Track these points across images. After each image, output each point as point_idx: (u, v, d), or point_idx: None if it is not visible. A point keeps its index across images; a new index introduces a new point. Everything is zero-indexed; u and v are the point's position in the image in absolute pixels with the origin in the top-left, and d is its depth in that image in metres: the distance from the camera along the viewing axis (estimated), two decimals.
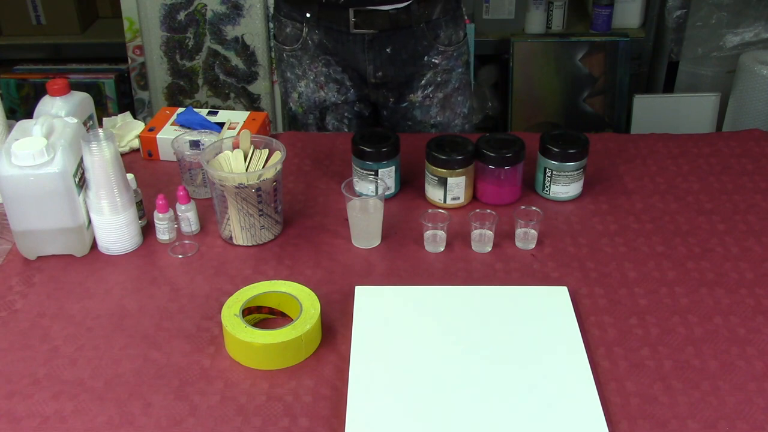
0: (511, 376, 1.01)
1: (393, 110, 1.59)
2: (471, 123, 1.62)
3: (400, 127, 1.62)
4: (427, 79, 1.55)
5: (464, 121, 1.60)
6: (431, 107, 1.57)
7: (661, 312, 1.13)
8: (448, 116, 1.58)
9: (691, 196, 1.39)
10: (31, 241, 1.23)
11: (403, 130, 1.61)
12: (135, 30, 2.56)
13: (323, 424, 0.96)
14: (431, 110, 1.57)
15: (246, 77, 2.55)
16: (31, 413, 0.98)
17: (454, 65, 1.55)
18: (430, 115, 1.58)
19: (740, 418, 0.96)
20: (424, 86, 1.55)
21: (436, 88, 1.56)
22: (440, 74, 1.55)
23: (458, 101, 1.58)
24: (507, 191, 1.36)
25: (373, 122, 1.68)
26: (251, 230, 1.26)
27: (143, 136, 1.51)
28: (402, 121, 1.60)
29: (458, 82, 1.56)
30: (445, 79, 1.56)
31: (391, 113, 1.60)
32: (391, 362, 1.04)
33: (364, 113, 1.65)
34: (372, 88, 1.59)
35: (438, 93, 1.56)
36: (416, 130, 1.60)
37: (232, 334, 1.03)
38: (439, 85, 1.56)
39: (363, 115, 1.65)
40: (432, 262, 1.24)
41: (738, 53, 2.62)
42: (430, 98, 1.56)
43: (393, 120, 1.62)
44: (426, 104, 1.57)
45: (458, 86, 1.57)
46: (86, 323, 1.12)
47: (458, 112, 1.59)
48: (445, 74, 1.55)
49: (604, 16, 2.62)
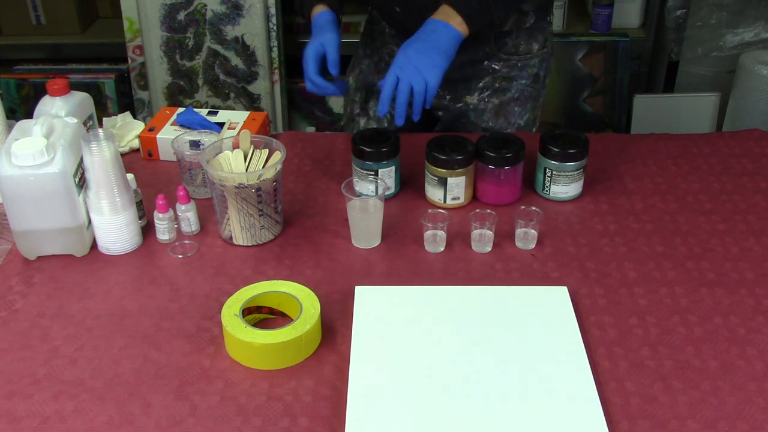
0: (511, 376, 1.01)
1: (449, 109, 1.60)
2: None
3: (455, 127, 1.63)
4: (484, 83, 1.55)
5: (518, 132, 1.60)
6: (485, 112, 1.57)
7: (661, 312, 1.13)
8: (501, 124, 1.58)
9: (691, 196, 1.39)
10: (31, 241, 1.23)
11: (458, 130, 1.61)
12: (135, 30, 2.56)
13: (323, 424, 0.96)
14: (484, 115, 1.57)
15: (246, 77, 2.55)
16: (31, 413, 0.98)
17: (517, 75, 1.54)
18: (482, 119, 1.58)
19: (740, 418, 0.96)
20: (481, 89, 1.55)
21: (492, 94, 1.56)
22: (499, 81, 1.54)
23: (514, 111, 1.57)
24: (507, 191, 1.37)
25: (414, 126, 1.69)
26: (251, 230, 1.26)
27: (143, 136, 1.51)
28: (457, 120, 1.61)
29: (518, 92, 1.56)
30: (503, 87, 1.55)
31: (447, 113, 1.61)
32: (391, 362, 1.04)
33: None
34: None
35: (494, 99, 1.56)
36: (469, 131, 1.60)
37: (232, 334, 1.03)
38: (496, 92, 1.55)
39: None
40: (432, 262, 1.24)
41: (738, 53, 2.62)
42: (485, 102, 1.56)
43: (449, 119, 1.63)
44: (480, 107, 1.57)
45: (517, 96, 1.56)
46: (86, 323, 1.12)
47: (512, 122, 1.58)
48: (504, 82, 1.55)
49: (604, 16, 2.62)
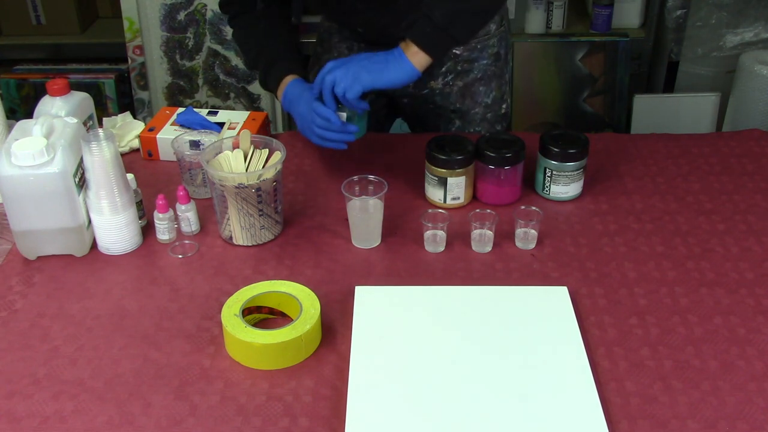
0: (511, 376, 1.01)
1: (413, 96, 1.61)
2: (497, 112, 1.63)
3: (423, 110, 1.64)
4: (447, 68, 1.57)
5: (486, 110, 1.62)
6: (451, 95, 1.60)
7: (661, 312, 1.13)
8: (468, 104, 1.61)
9: (691, 196, 1.39)
10: (31, 241, 1.23)
11: (426, 114, 1.64)
12: (135, 30, 2.56)
13: (323, 424, 0.96)
14: (450, 97, 1.60)
15: (246, 77, 2.55)
16: (31, 413, 0.98)
17: (477, 56, 1.57)
18: (449, 102, 1.61)
19: (740, 418, 0.96)
20: (444, 74, 1.57)
21: (456, 77, 1.58)
22: (461, 64, 1.57)
23: (479, 91, 1.60)
24: (507, 191, 1.37)
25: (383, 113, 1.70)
26: (251, 230, 1.26)
27: (143, 136, 1.51)
28: (424, 105, 1.63)
29: (481, 72, 1.58)
30: (465, 69, 1.58)
31: (412, 99, 1.62)
32: (391, 362, 1.04)
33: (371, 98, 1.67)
34: None
35: (458, 81, 1.58)
36: (437, 113, 1.62)
37: (232, 334, 1.03)
38: (459, 74, 1.58)
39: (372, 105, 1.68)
40: (432, 262, 1.24)
41: (738, 53, 2.62)
42: (449, 86, 1.59)
43: (415, 105, 1.64)
44: (446, 91, 1.59)
45: (480, 77, 1.59)
46: (86, 323, 1.12)
47: (479, 101, 1.61)
48: (466, 64, 1.57)
49: (604, 16, 2.62)
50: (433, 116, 1.64)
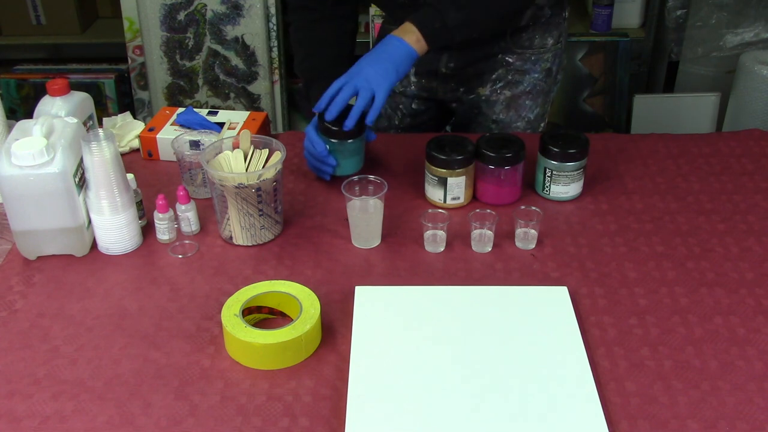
0: (511, 376, 1.01)
1: (463, 101, 1.62)
2: (535, 129, 1.63)
3: (468, 117, 1.64)
4: (498, 75, 1.56)
5: (527, 126, 1.61)
6: (497, 103, 1.59)
7: (661, 312, 1.13)
8: (511, 116, 1.60)
9: (691, 196, 1.39)
10: (31, 241, 1.23)
11: (469, 122, 1.64)
12: (135, 30, 2.56)
13: (323, 424, 0.96)
14: (496, 107, 1.59)
15: (246, 77, 2.55)
16: (31, 413, 0.98)
17: (530, 68, 1.56)
18: (494, 111, 1.60)
19: (740, 418, 0.96)
20: (494, 81, 1.57)
21: (505, 86, 1.57)
22: (512, 73, 1.56)
23: (525, 104, 1.59)
24: (507, 191, 1.37)
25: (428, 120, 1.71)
26: (251, 230, 1.26)
27: (143, 136, 1.51)
28: (470, 111, 1.63)
29: (531, 86, 1.57)
30: (516, 80, 1.57)
31: (461, 104, 1.63)
32: (391, 362, 1.04)
33: (420, 108, 1.68)
34: (441, 81, 1.61)
35: (506, 91, 1.58)
36: (479, 122, 1.63)
37: (232, 334, 1.03)
38: (508, 84, 1.57)
39: (418, 112, 1.69)
40: (432, 262, 1.24)
41: (738, 53, 2.62)
42: (497, 94, 1.58)
43: (463, 111, 1.64)
44: (492, 99, 1.59)
45: (529, 90, 1.58)
46: (86, 323, 1.12)
47: (523, 115, 1.60)
48: (517, 74, 1.56)
49: (604, 16, 2.62)
50: (475, 125, 1.63)
